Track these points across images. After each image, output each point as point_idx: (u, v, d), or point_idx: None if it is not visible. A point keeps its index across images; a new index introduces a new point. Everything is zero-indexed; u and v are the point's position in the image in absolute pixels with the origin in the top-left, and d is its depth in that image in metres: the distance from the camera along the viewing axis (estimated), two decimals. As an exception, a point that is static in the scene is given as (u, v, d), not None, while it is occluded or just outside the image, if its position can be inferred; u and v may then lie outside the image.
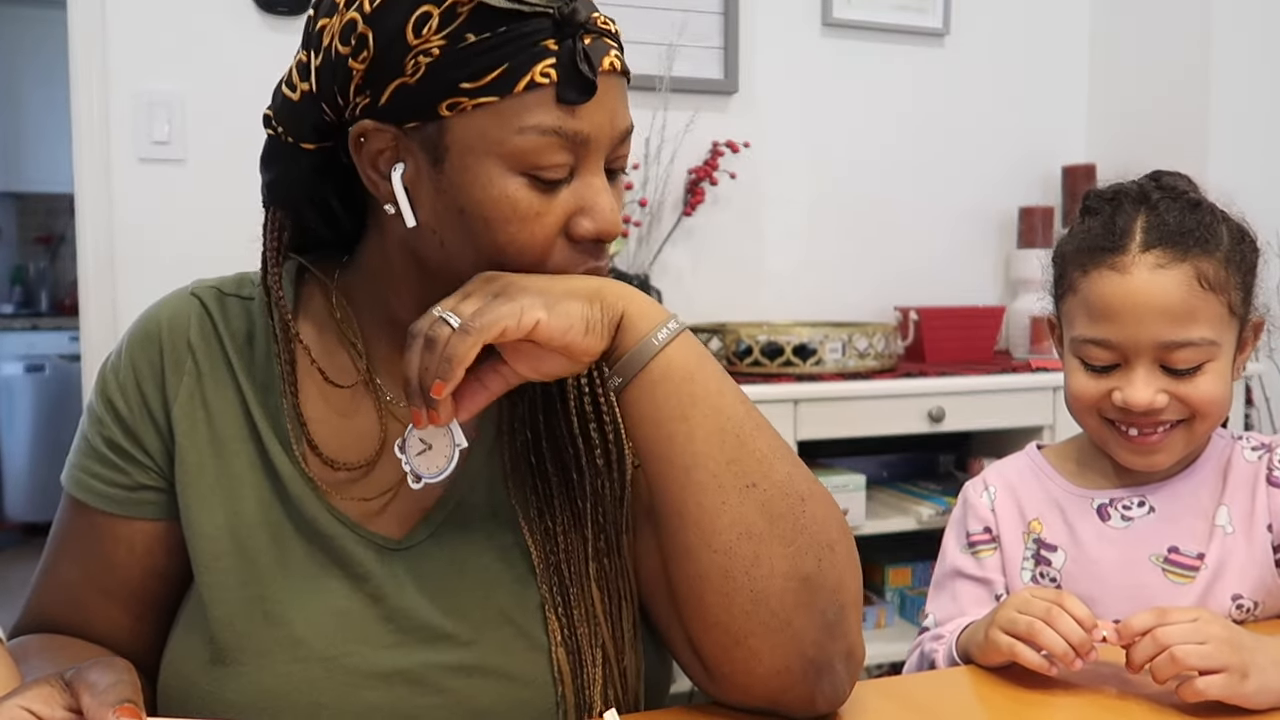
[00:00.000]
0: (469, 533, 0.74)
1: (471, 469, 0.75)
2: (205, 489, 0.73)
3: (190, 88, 1.89)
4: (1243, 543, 0.90)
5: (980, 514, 0.99)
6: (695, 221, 2.18)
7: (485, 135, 0.64)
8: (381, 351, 0.76)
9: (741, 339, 1.89)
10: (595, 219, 0.68)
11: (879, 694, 0.76)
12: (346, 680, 0.68)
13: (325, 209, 0.76)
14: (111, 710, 0.49)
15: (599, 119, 0.66)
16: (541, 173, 0.65)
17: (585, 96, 0.65)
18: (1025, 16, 2.44)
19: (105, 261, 1.86)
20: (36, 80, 4.25)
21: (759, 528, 0.66)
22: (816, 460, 1.99)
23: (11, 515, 4.19)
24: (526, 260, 0.67)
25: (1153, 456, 0.90)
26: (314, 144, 0.71)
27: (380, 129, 0.66)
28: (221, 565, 0.72)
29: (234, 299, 0.78)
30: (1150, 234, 0.87)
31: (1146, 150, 2.31)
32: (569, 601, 0.72)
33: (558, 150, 0.65)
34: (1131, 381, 0.87)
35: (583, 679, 0.71)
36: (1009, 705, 0.75)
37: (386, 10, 0.64)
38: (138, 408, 0.75)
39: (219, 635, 0.70)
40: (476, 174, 0.65)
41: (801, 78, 2.27)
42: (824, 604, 0.67)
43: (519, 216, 0.66)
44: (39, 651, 0.75)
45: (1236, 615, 0.89)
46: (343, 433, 0.75)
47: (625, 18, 2.07)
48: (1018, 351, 2.29)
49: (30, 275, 4.64)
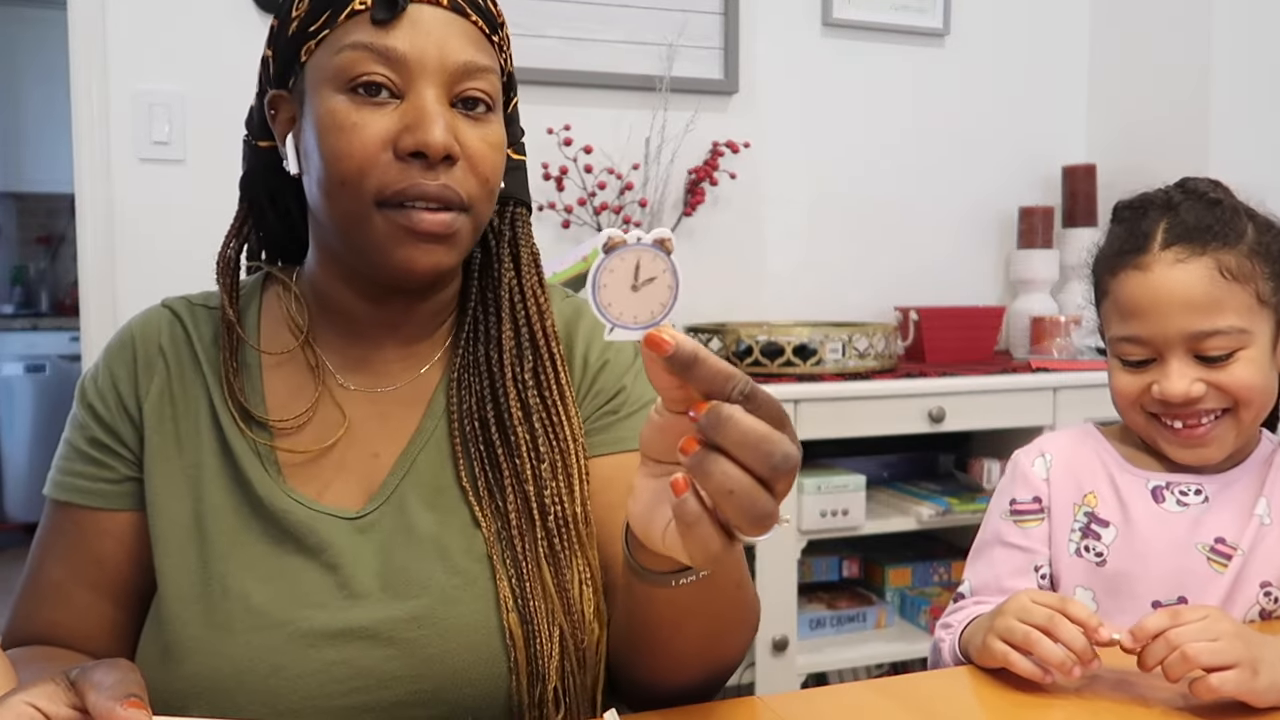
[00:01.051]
0: (421, 506, 0.78)
1: (421, 452, 0.80)
2: (172, 480, 0.78)
3: (190, 88, 1.89)
4: (1277, 534, 0.92)
5: (1032, 482, 1.00)
6: (695, 222, 2.18)
7: (320, 65, 0.74)
8: (330, 339, 0.83)
9: (741, 339, 1.89)
10: (415, 133, 0.72)
11: (879, 694, 0.76)
12: (305, 641, 0.72)
13: (283, 207, 0.86)
14: (119, 704, 0.49)
15: (419, 43, 0.73)
16: (357, 82, 0.72)
17: (391, 14, 0.72)
18: (1025, 17, 2.44)
19: (105, 261, 1.86)
20: (36, 80, 4.25)
21: (691, 678, 0.75)
22: (817, 460, 2.00)
23: (11, 515, 4.19)
24: (348, 169, 0.72)
25: (1202, 449, 0.92)
26: (267, 142, 0.82)
27: (279, 95, 0.78)
28: (184, 550, 0.75)
29: (202, 308, 0.85)
30: (1170, 233, 0.91)
31: (1146, 150, 2.31)
32: (522, 575, 0.75)
33: (371, 63, 0.72)
34: (1167, 374, 0.90)
35: (535, 648, 0.73)
36: (1009, 705, 0.75)
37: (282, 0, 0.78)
38: (115, 407, 0.80)
39: (171, 627, 0.72)
40: (315, 102, 0.74)
41: (801, 78, 2.27)
42: (719, 684, 0.78)
43: (337, 126, 0.72)
44: (30, 661, 0.75)
45: (1265, 603, 0.91)
46: (286, 402, 0.80)
47: (625, 18, 2.09)
48: (1018, 351, 2.29)
49: (30, 275, 4.64)
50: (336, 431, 0.80)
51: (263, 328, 0.84)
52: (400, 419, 0.81)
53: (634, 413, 0.84)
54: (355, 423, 0.80)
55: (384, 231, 0.73)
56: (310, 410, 0.80)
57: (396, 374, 0.83)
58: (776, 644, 1.81)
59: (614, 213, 2.03)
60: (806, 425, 1.80)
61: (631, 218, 2.04)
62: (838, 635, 1.98)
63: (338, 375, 0.82)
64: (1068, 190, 2.35)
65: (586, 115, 2.06)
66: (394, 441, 0.81)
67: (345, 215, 0.74)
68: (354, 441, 0.80)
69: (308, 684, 0.71)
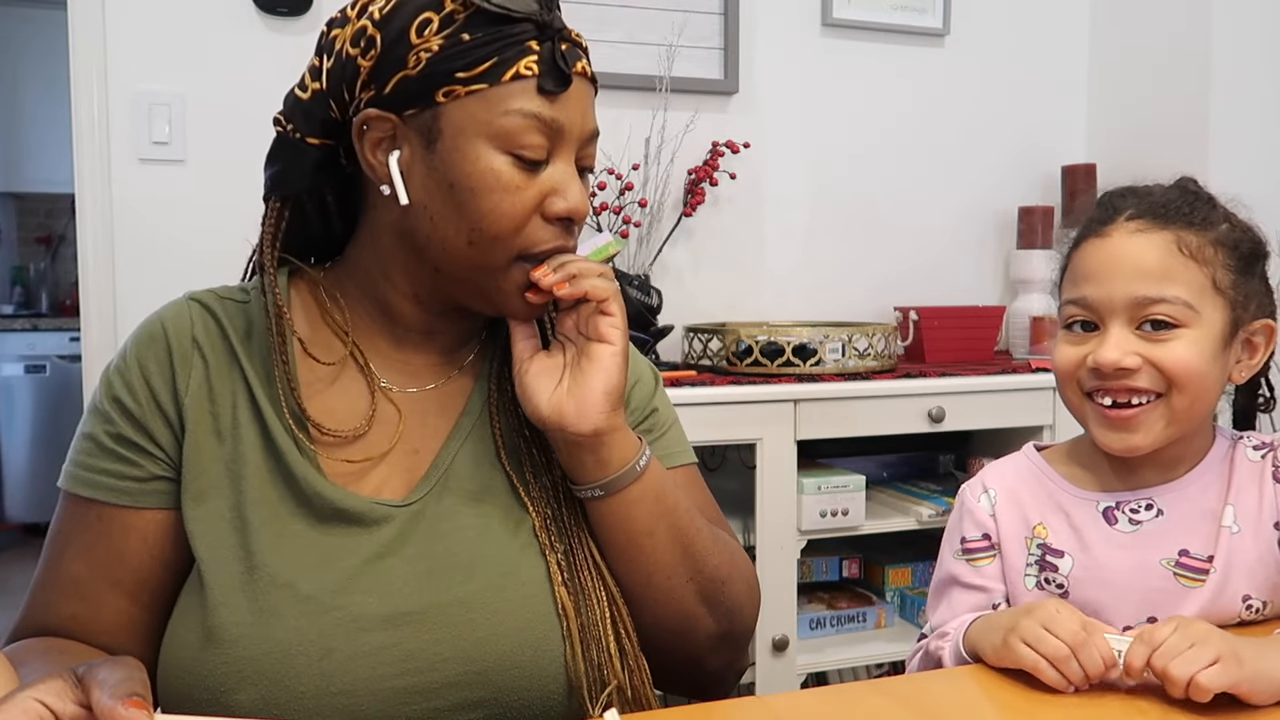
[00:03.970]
0: (464, 496, 0.82)
1: (462, 447, 0.84)
2: (215, 474, 0.78)
3: (190, 88, 1.89)
4: (1250, 542, 0.89)
5: (979, 519, 0.97)
6: (695, 222, 2.18)
7: (475, 118, 0.75)
8: (372, 338, 0.85)
9: (741, 339, 1.89)
10: (567, 199, 0.78)
11: (879, 694, 0.76)
12: (355, 625, 0.74)
13: (321, 204, 0.86)
14: (120, 703, 0.50)
15: (572, 113, 0.78)
16: (522, 151, 0.76)
17: (562, 88, 0.77)
18: (1025, 16, 2.44)
19: (105, 261, 1.86)
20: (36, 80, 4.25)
21: (694, 609, 0.84)
22: (816, 460, 2.00)
23: (11, 515, 4.19)
24: (505, 227, 0.77)
25: (1130, 435, 0.89)
26: (318, 139, 0.81)
27: (382, 117, 0.77)
28: (226, 541, 0.76)
29: (230, 302, 0.85)
30: (1136, 209, 0.91)
31: (1146, 150, 2.31)
32: (571, 550, 0.81)
33: (535, 133, 0.76)
34: (1104, 341, 0.89)
35: (586, 616, 0.79)
36: (1009, 706, 0.75)
37: (393, 16, 0.76)
38: (147, 403, 0.79)
39: (216, 613, 0.73)
40: (466, 152, 0.76)
41: (801, 78, 2.27)
42: (730, 648, 0.89)
43: (501, 187, 0.76)
44: (41, 654, 0.76)
45: (1246, 615, 0.89)
46: (336, 409, 0.82)
47: (625, 18, 2.09)
48: (1018, 351, 2.29)
49: (30, 275, 4.64)
50: (381, 429, 0.82)
51: (297, 326, 0.84)
52: (438, 417, 0.85)
53: (664, 433, 0.94)
54: (393, 422, 0.83)
55: (517, 282, 0.80)
56: (365, 413, 0.82)
57: (434, 375, 0.87)
58: (776, 644, 1.81)
59: (614, 213, 2.03)
60: (806, 425, 1.80)
61: (631, 218, 2.04)
62: (838, 635, 1.98)
63: (380, 377, 0.84)
64: (1067, 190, 2.35)
65: (586, 115, 2.06)
66: (433, 438, 0.84)
67: (485, 264, 0.79)
68: (394, 438, 0.82)
69: (359, 666, 0.73)
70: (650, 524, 0.81)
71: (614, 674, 0.78)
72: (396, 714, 0.73)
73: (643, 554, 0.81)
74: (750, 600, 0.89)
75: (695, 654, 0.86)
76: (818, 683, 1.95)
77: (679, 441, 0.95)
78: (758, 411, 1.77)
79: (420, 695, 0.73)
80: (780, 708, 0.74)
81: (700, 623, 0.85)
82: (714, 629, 0.86)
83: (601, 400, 0.79)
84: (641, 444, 0.82)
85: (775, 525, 1.81)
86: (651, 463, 0.82)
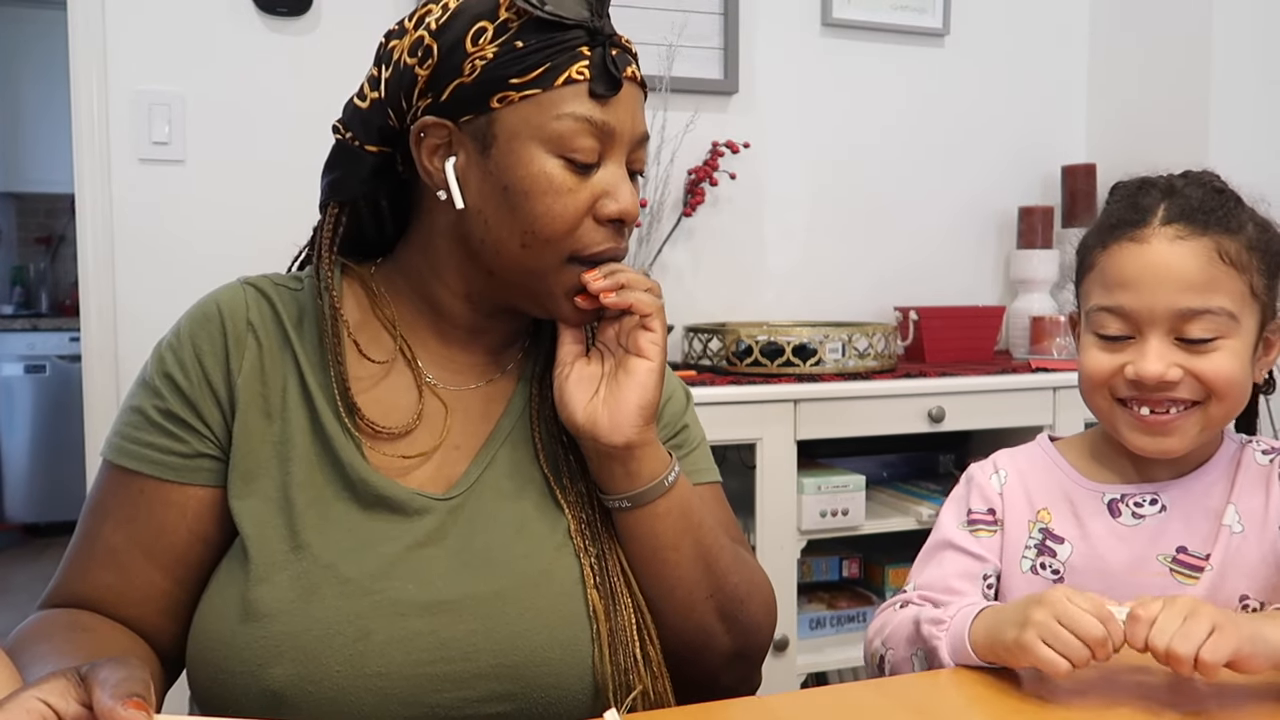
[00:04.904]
0: (504, 493, 0.83)
1: (501, 447, 0.85)
2: (264, 455, 0.80)
3: (190, 88, 1.89)
4: (1252, 543, 0.89)
5: (986, 494, 0.98)
6: (695, 222, 2.18)
7: (529, 122, 0.77)
8: (420, 334, 0.87)
9: (741, 339, 1.89)
10: (619, 201, 0.80)
11: (879, 694, 0.76)
12: (393, 609, 0.75)
13: (375, 208, 0.89)
14: (121, 703, 0.50)
15: (622, 116, 0.79)
16: (574, 154, 0.78)
17: (613, 92, 0.78)
18: (1025, 16, 2.44)
19: (105, 261, 1.86)
20: (36, 80, 4.25)
21: (712, 624, 0.85)
22: (816, 460, 2.00)
23: (11, 515, 4.19)
24: (558, 229, 0.78)
25: (1165, 439, 0.88)
26: (376, 147, 0.83)
27: (439, 123, 0.79)
28: (271, 520, 0.78)
29: (283, 288, 0.87)
30: (1170, 211, 0.88)
31: (1146, 150, 2.31)
32: (603, 555, 0.82)
33: (588, 136, 0.78)
34: (1144, 353, 0.86)
35: (616, 620, 0.80)
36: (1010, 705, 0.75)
37: (449, 26, 0.78)
38: (198, 381, 0.81)
39: (258, 589, 0.75)
40: (520, 155, 0.78)
41: (801, 78, 2.27)
42: (744, 666, 0.91)
43: (555, 190, 0.78)
44: (65, 629, 0.76)
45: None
46: (385, 404, 0.84)
47: (625, 18, 2.08)
48: (1018, 351, 2.29)
49: (30, 275, 4.64)
50: (428, 425, 0.84)
51: (349, 322, 0.85)
52: (481, 415, 0.87)
53: (693, 450, 0.95)
54: (439, 418, 0.85)
55: (568, 285, 0.81)
56: (413, 408, 0.84)
57: (479, 374, 0.88)
58: (776, 644, 1.81)
59: (614, 213, 2.03)
60: (806, 425, 1.80)
61: (631, 218, 2.04)
62: (838, 635, 1.98)
63: (426, 373, 0.86)
64: (1067, 190, 2.35)
65: (586, 115, 2.06)
66: (475, 436, 0.86)
67: (538, 266, 0.80)
68: (439, 434, 0.84)
69: (395, 650, 0.74)
70: (675, 538, 0.82)
71: (639, 678, 0.79)
72: (427, 700, 0.74)
73: (666, 567, 0.83)
74: (768, 621, 0.91)
75: (709, 669, 0.87)
76: (818, 683, 1.95)
77: (705, 459, 0.97)
78: (757, 411, 1.77)
79: (452, 683, 0.74)
80: (780, 708, 0.74)
81: (717, 639, 0.86)
82: (729, 646, 0.87)
83: (635, 414, 0.80)
84: (671, 459, 0.84)
85: (775, 525, 1.81)
86: (680, 479, 0.84)
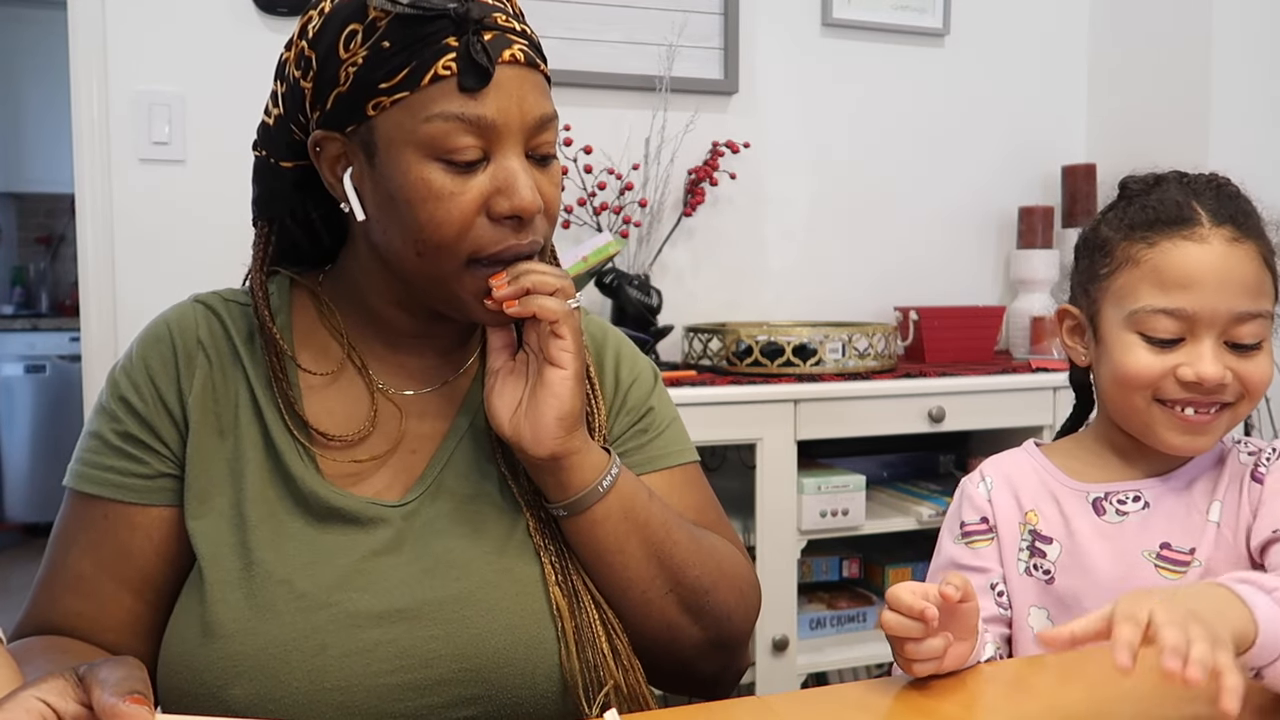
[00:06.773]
0: (461, 495, 0.82)
1: (458, 447, 0.84)
2: (217, 472, 0.79)
3: (190, 88, 1.89)
4: (1230, 539, 0.90)
5: (977, 504, 0.99)
6: (695, 222, 2.18)
7: (402, 127, 0.73)
8: (368, 341, 0.85)
9: (741, 339, 1.89)
10: (510, 197, 0.74)
11: (879, 694, 0.76)
12: (349, 621, 0.74)
13: (307, 223, 0.87)
14: (121, 700, 0.50)
15: (505, 104, 0.74)
16: (451, 155, 0.73)
17: (482, 83, 0.72)
18: (1025, 17, 2.44)
19: (105, 261, 1.86)
20: (36, 80, 4.25)
21: (675, 619, 0.84)
22: (816, 460, 2.00)
23: (11, 515, 4.19)
24: (447, 235, 0.74)
25: (1200, 439, 0.90)
26: (291, 162, 0.82)
27: (329, 136, 0.77)
28: (225, 537, 0.77)
29: (235, 304, 0.86)
30: (1220, 212, 0.89)
31: (1146, 150, 2.29)
32: (563, 552, 0.81)
33: (463, 134, 0.73)
34: (1201, 355, 0.87)
35: (581, 617, 0.79)
36: (1010, 705, 0.75)
37: (322, 33, 0.75)
38: (153, 401, 0.80)
39: (214, 609, 0.74)
40: (398, 163, 0.74)
41: (801, 78, 2.27)
42: (723, 654, 0.89)
43: (434, 196, 0.73)
44: (43, 652, 0.76)
45: None
46: (338, 413, 0.83)
47: (625, 18, 2.09)
48: (1018, 351, 2.29)
49: (30, 275, 4.64)
50: (383, 430, 0.83)
51: (298, 333, 0.85)
52: (435, 419, 0.85)
53: (661, 432, 0.92)
54: (394, 422, 0.84)
55: (473, 289, 0.77)
56: (366, 414, 0.83)
57: (432, 377, 0.87)
58: (776, 644, 1.81)
59: (614, 213, 2.03)
60: (806, 425, 1.80)
61: (631, 218, 2.04)
62: (838, 635, 1.98)
63: (377, 379, 0.85)
64: (1067, 190, 2.35)
65: (586, 115, 2.06)
66: (431, 438, 0.84)
67: (436, 271, 0.76)
68: (392, 440, 0.83)
69: (353, 663, 0.73)
70: (618, 542, 0.80)
71: (610, 674, 0.79)
72: (391, 710, 0.73)
73: (613, 570, 0.81)
74: (742, 605, 0.88)
75: (684, 660, 0.86)
76: (818, 683, 1.95)
77: (678, 440, 0.94)
78: (757, 411, 1.77)
79: (414, 691, 0.73)
80: (780, 708, 0.74)
81: (684, 631, 0.84)
82: (700, 637, 0.85)
83: (554, 426, 0.77)
84: (608, 461, 0.81)
85: (775, 525, 1.81)
86: (619, 481, 0.81)
